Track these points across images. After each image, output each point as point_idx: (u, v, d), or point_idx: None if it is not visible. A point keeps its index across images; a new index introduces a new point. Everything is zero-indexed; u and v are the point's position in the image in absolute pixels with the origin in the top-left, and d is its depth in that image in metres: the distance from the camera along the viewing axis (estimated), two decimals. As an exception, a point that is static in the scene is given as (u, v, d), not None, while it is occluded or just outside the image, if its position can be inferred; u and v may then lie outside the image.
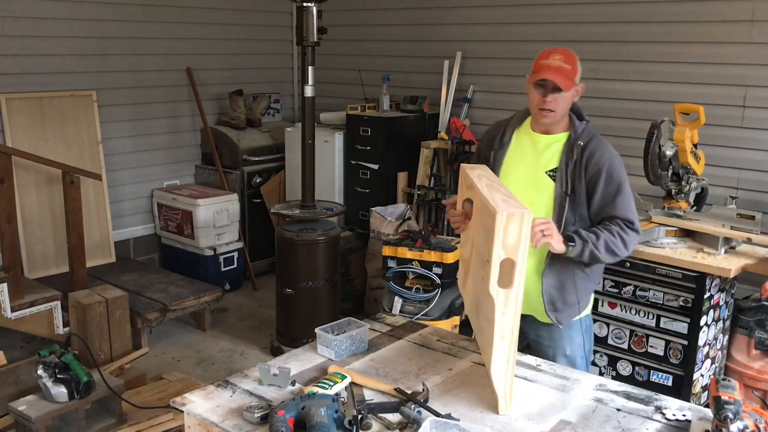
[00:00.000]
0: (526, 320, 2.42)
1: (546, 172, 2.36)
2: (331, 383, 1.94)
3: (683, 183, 3.47)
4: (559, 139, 2.39)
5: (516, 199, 1.90)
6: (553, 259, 2.34)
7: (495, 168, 2.40)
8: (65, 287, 4.15)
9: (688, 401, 2.61)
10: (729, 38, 3.81)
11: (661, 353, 3.37)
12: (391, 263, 3.93)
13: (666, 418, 1.88)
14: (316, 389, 1.90)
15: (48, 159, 4.26)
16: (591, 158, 2.31)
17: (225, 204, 5.20)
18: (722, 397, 1.67)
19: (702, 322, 3.26)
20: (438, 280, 3.77)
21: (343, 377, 1.99)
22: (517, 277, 1.78)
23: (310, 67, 4.15)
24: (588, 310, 2.57)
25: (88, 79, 4.88)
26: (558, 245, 2.19)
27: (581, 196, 2.33)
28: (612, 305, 3.49)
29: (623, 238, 2.28)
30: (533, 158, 2.39)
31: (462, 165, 2.25)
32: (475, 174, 2.12)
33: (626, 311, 3.45)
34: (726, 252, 3.30)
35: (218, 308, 4.84)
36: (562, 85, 2.27)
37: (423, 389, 1.95)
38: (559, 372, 2.16)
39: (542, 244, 2.16)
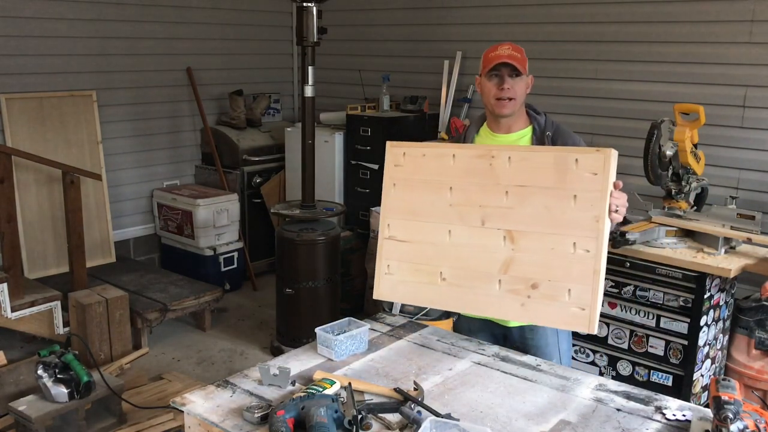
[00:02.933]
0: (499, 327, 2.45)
1: None
2: (320, 389, 1.92)
3: (683, 183, 3.47)
4: (524, 134, 2.38)
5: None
6: None
7: None
8: (65, 287, 4.15)
9: (688, 401, 2.61)
10: (729, 38, 3.81)
11: (661, 353, 3.36)
12: (391, 263, 3.92)
13: (666, 418, 1.88)
14: (315, 389, 1.89)
15: (48, 159, 4.26)
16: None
17: (225, 204, 5.20)
18: (722, 397, 1.67)
19: (702, 322, 3.26)
20: (438, 280, 3.76)
21: (332, 382, 1.96)
22: None
23: (310, 67, 4.15)
24: None
25: (88, 79, 4.88)
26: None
27: None
28: (612, 305, 3.49)
29: None
30: None
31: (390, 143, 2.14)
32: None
33: (626, 311, 3.45)
34: (726, 252, 3.30)
35: (218, 308, 4.84)
36: (519, 66, 2.26)
37: (416, 388, 1.95)
38: (559, 372, 2.16)
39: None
